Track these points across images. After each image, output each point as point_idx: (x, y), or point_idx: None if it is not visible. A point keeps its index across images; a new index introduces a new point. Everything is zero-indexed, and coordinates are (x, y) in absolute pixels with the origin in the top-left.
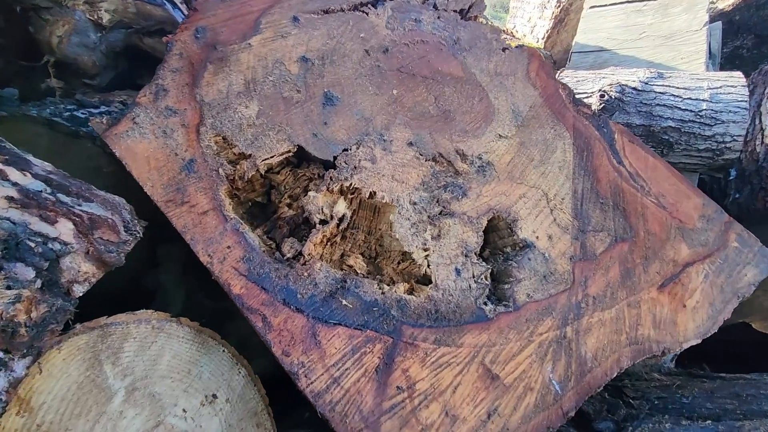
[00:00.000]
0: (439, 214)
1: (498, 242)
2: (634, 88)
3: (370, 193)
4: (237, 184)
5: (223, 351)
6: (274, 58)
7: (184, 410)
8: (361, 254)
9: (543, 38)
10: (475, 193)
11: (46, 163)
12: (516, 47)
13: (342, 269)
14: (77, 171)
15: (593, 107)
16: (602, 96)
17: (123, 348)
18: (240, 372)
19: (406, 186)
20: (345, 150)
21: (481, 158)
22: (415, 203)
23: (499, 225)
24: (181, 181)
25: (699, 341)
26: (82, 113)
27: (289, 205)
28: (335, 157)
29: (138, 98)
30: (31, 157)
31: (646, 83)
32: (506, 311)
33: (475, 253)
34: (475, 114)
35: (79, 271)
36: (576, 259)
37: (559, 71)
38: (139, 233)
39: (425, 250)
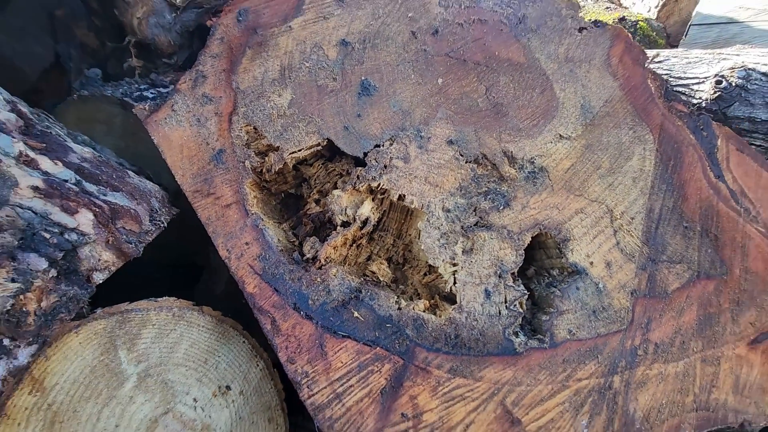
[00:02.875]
0: (475, 225)
1: (545, 261)
2: (765, 74)
3: (399, 195)
4: (265, 176)
5: (243, 342)
6: (313, 42)
7: (195, 399)
8: (388, 259)
9: (657, 6)
10: (520, 203)
11: (87, 150)
12: (597, 26)
13: (365, 275)
14: (148, 150)
15: (705, 96)
16: (719, 82)
17: (141, 334)
18: (258, 365)
19: (440, 190)
20: (377, 146)
21: (533, 162)
22: (448, 210)
23: (547, 242)
24: (209, 172)
25: None
26: (151, 93)
27: (317, 201)
28: (366, 153)
29: (178, 85)
30: (72, 144)
31: None
32: (540, 347)
33: (512, 275)
34: (533, 109)
35: (99, 260)
36: (639, 295)
37: (650, 58)
38: (163, 223)
39: (453, 264)
